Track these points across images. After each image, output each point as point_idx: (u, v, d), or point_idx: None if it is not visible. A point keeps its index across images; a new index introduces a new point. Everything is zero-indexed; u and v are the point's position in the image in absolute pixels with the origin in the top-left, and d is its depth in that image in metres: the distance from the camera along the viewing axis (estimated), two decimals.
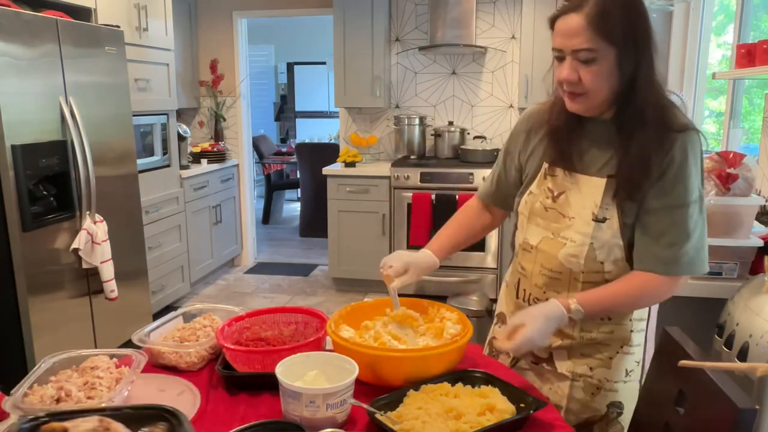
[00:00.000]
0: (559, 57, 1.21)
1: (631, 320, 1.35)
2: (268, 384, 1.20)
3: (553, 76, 1.27)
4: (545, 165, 1.35)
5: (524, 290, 1.41)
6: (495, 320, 1.57)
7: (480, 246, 4.12)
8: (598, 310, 1.27)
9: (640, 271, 1.25)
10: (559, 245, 1.30)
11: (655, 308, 1.46)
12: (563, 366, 1.37)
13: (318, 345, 1.34)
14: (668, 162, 1.20)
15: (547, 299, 1.31)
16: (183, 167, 4.26)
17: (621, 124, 1.23)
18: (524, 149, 1.42)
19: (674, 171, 1.20)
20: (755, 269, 1.69)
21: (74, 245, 2.83)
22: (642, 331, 1.37)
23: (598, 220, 1.25)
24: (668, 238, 1.21)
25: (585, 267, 1.28)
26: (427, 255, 1.47)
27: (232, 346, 1.31)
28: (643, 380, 1.40)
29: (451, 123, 4.56)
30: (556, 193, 1.32)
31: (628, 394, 1.38)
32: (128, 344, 1.46)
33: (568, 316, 1.24)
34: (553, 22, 1.21)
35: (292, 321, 1.49)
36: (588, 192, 1.27)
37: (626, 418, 1.38)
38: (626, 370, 1.36)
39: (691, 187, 1.20)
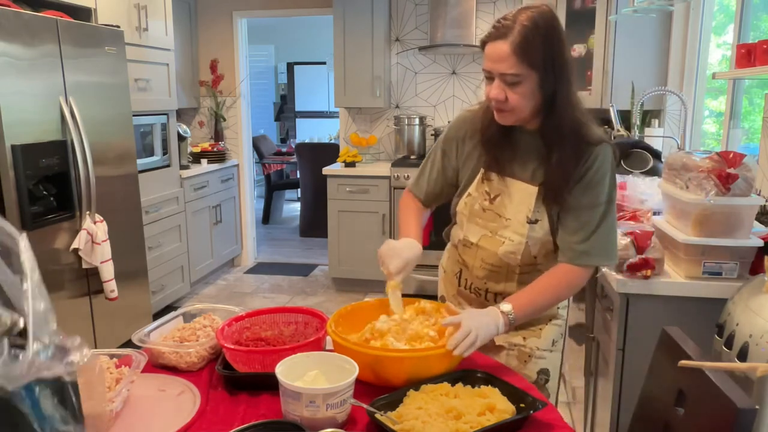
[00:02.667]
0: (489, 77, 1.35)
1: None
2: (268, 384, 1.20)
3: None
4: (481, 170, 1.49)
5: (466, 280, 1.59)
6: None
7: None
8: (528, 307, 1.39)
9: (560, 264, 1.42)
10: (498, 243, 1.47)
11: None
12: (500, 339, 1.53)
13: (318, 345, 1.34)
14: (586, 170, 1.38)
15: (486, 288, 1.54)
16: (183, 167, 4.26)
17: (544, 136, 1.39)
18: (460, 154, 1.56)
19: (590, 177, 1.38)
20: (755, 269, 1.69)
21: (74, 245, 2.84)
22: (565, 307, 1.60)
23: (532, 222, 1.43)
24: (580, 233, 1.40)
25: (521, 261, 1.47)
26: (416, 245, 1.51)
27: (232, 346, 1.31)
28: (564, 350, 1.60)
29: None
30: (492, 196, 1.48)
31: (554, 362, 1.57)
32: (128, 344, 1.46)
33: (503, 321, 1.34)
34: (483, 45, 1.34)
35: (292, 321, 1.49)
36: (522, 197, 1.44)
37: (552, 386, 1.57)
38: (553, 341, 1.56)
39: (602, 191, 1.39)
